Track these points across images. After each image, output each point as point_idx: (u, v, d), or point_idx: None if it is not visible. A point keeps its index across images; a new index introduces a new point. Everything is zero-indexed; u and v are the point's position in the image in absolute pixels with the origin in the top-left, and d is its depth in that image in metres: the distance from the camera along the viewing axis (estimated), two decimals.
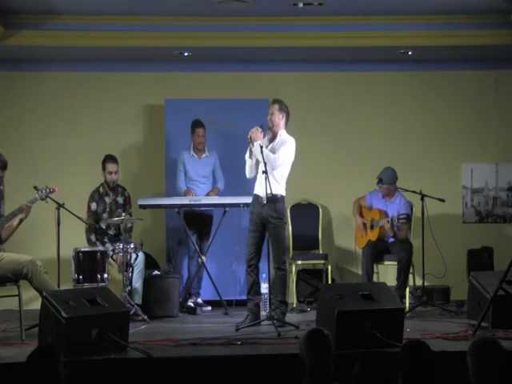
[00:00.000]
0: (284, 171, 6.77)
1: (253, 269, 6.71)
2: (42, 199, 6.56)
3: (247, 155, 6.81)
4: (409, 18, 7.99)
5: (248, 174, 6.85)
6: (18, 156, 8.20)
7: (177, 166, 8.13)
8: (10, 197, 8.16)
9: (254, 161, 6.74)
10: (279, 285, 6.77)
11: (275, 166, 6.66)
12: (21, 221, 6.36)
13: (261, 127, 6.72)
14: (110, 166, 7.69)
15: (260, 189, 6.65)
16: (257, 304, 6.75)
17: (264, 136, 6.77)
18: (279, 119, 6.82)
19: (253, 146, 6.67)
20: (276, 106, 6.83)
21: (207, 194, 8.06)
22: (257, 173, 6.78)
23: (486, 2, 7.57)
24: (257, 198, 6.73)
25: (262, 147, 6.59)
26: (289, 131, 6.92)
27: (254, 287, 6.73)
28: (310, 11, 7.74)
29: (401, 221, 7.47)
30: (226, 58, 8.63)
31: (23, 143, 8.62)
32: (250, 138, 6.66)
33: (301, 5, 7.57)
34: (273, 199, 6.57)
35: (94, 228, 7.56)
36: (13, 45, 7.90)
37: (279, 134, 6.84)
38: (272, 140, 6.84)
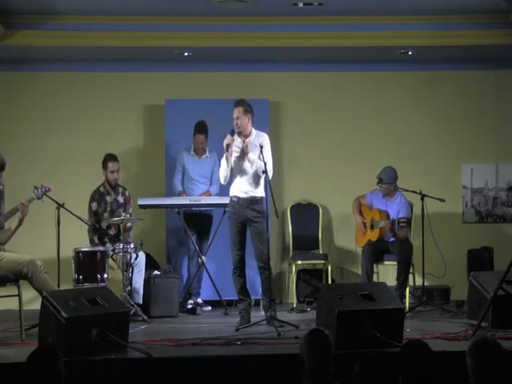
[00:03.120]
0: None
1: (243, 271, 6.72)
2: (38, 198, 6.55)
3: (224, 163, 6.66)
4: (409, 18, 7.99)
5: (223, 181, 6.78)
6: (17, 156, 8.23)
7: (175, 165, 8.14)
8: (9, 197, 8.15)
9: (230, 169, 6.65)
10: (266, 284, 6.63)
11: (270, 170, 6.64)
12: (20, 222, 6.33)
13: (232, 132, 6.64)
14: (112, 165, 7.69)
15: (239, 190, 6.64)
16: (249, 304, 6.75)
17: (233, 136, 6.65)
18: (247, 122, 6.69)
19: (229, 155, 6.58)
20: (241, 109, 6.67)
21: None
22: (232, 177, 6.71)
23: (485, 2, 7.57)
24: (238, 199, 6.67)
25: (262, 147, 6.58)
26: (289, 132, 6.92)
27: (244, 288, 6.73)
28: (310, 11, 7.75)
29: (401, 224, 7.49)
30: (226, 58, 8.63)
31: (23, 143, 8.62)
32: (227, 146, 6.57)
33: (301, 5, 7.57)
34: (255, 200, 6.61)
35: (95, 228, 7.55)
36: (13, 45, 7.90)
37: (251, 132, 6.74)
38: (245, 139, 6.71)
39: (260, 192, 6.70)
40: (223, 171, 6.72)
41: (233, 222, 6.73)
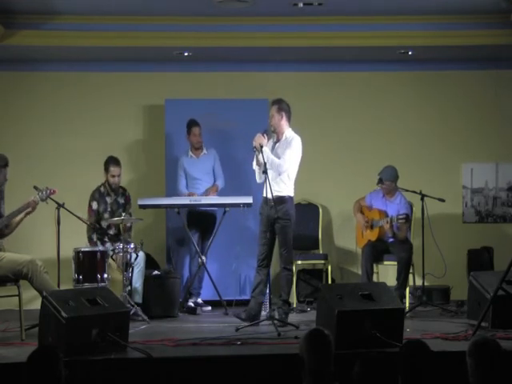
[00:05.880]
0: (291, 173, 6.78)
1: (262, 268, 6.74)
2: (42, 200, 6.57)
3: (254, 163, 6.80)
4: (409, 18, 7.99)
5: (258, 179, 6.89)
6: (17, 156, 8.20)
7: (177, 171, 8.13)
8: (9, 196, 8.14)
9: (262, 168, 6.72)
10: (284, 285, 6.76)
11: (281, 171, 6.70)
12: (25, 216, 6.39)
13: (265, 132, 6.71)
14: (113, 170, 7.66)
15: (265, 189, 6.64)
16: (259, 304, 6.76)
17: (269, 139, 6.76)
18: (279, 120, 6.79)
19: (259, 153, 6.66)
20: (275, 108, 6.81)
21: (206, 191, 8.05)
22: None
23: (485, 2, 7.56)
24: (265, 199, 6.74)
25: (262, 147, 6.60)
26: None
27: (259, 286, 6.74)
28: (310, 11, 7.74)
29: (400, 221, 7.48)
30: (226, 58, 8.62)
31: (23, 143, 8.62)
32: (255, 147, 6.66)
33: (301, 5, 7.56)
34: (280, 200, 6.64)
35: (94, 228, 7.55)
36: (13, 45, 7.90)
37: (284, 134, 6.82)
38: (277, 142, 6.85)
39: (287, 191, 6.75)
40: (256, 172, 6.84)
41: (260, 221, 6.85)
